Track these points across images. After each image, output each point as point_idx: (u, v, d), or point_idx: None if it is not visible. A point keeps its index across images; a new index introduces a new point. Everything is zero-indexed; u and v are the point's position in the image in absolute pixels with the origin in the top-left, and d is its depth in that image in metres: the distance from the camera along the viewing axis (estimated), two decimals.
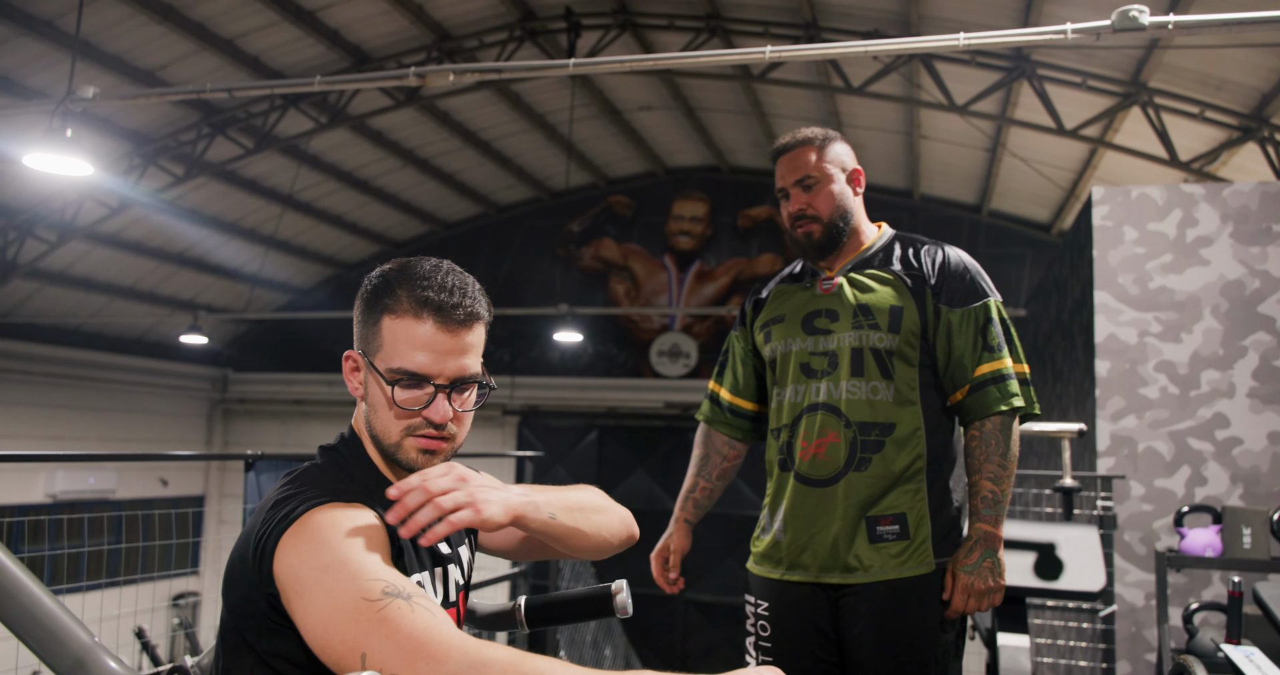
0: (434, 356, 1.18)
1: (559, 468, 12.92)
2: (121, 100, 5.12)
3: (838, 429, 1.98)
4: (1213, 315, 4.36)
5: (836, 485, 1.97)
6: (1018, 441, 1.97)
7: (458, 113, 10.29)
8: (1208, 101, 7.15)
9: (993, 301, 2.01)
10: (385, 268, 1.24)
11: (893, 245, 2.10)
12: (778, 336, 2.12)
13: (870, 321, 1.99)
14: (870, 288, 2.04)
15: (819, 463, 1.99)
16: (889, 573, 1.93)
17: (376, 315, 1.20)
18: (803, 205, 2.07)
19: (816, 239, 2.07)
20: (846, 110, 9.57)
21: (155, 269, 11.65)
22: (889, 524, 1.94)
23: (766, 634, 2.07)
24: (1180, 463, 4.28)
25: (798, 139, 2.10)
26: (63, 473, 10.99)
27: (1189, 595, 4.13)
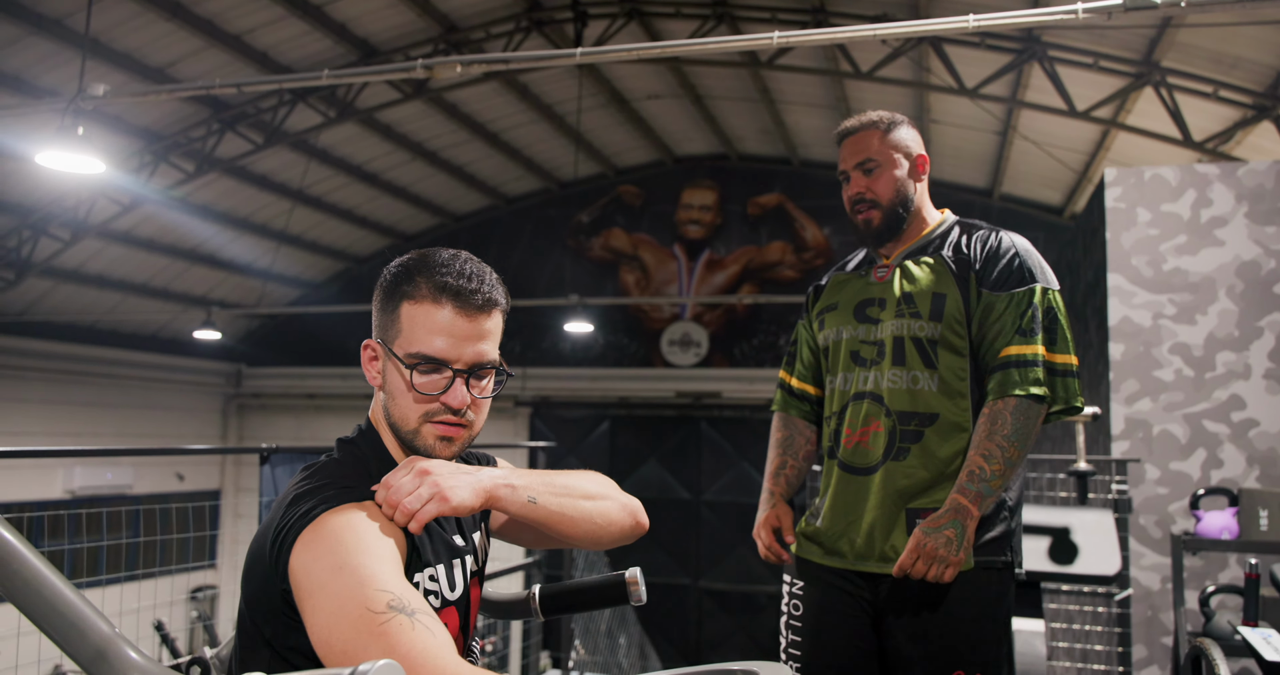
0: (452, 341, 1.19)
1: (571, 458, 12.96)
2: (137, 99, 5.11)
3: (880, 417, 1.96)
4: (1228, 296, 4.33)
5: (874, 474, 1.95)
6: (1032, 431, 1.86)
7: (466, 104, 10.28)
8: (1221, 80, 7.07)
9: (1039, 287, 1.93)
10: (404, 258, 1.25)
11: (951, 231, 2.06)
12: (830, 324, 2.11)
13: (912, 309, 1.96)
14: (917, 275, 2.01)
15: (860, 451, 1.98)
16: None
17: (395, 302, 1.21)
18: (862, 189, 2.05)
19: (875, 226, 2.05)
20: (855, 95, 9.51)
21: (168, 266, 11.71)
22: (928, 518, 1.88)
23: (799, 613, 2.05)
24: (1196, 445, 4.26)
25: (862, 122, 2.08)
26: (80, 468, 11.09)
27: (1205, 578, 4.11)
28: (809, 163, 12.26)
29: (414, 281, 1.20)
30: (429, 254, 1.24)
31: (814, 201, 12.35)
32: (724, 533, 12.17)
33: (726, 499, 12.21)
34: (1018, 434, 1.84)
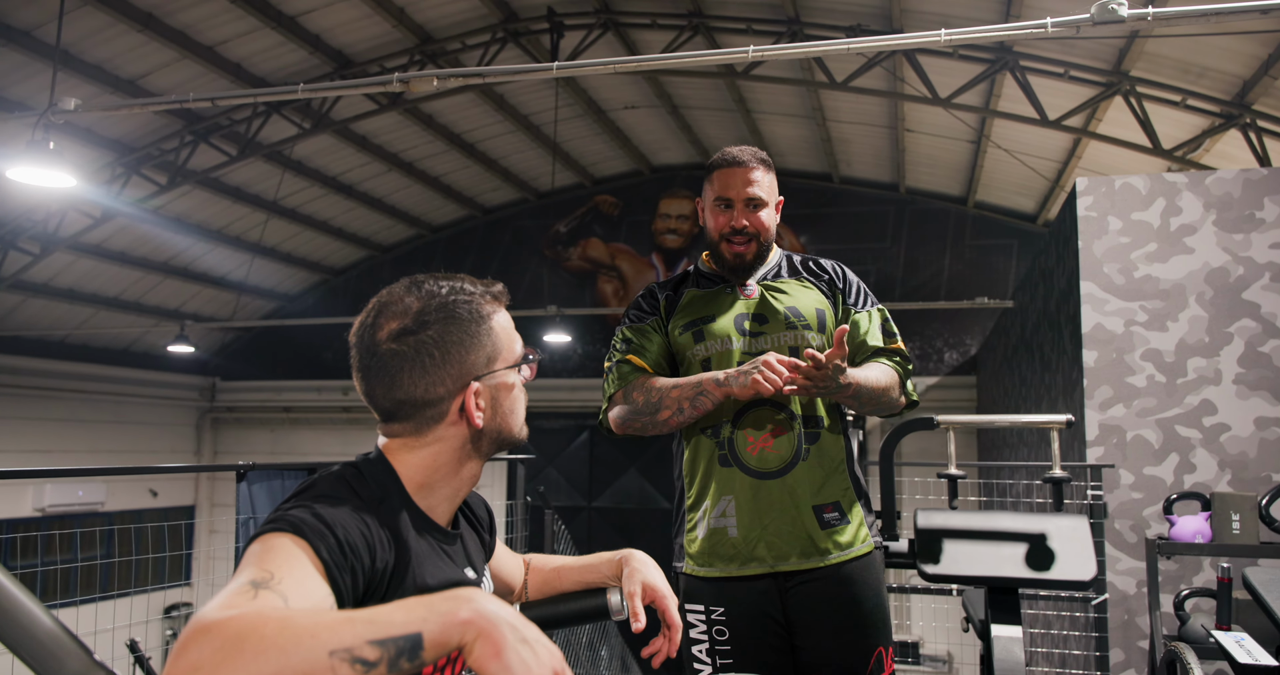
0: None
1: (551, 469, 12.92)
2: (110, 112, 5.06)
3: (784, 423, 2.06)
4: (1198, 303, 4.39)
5: (786, 476, 2.04)
6: (893, 393, 2.10)
7: (442, 115, 10.27)
8: (1190, 89, 7.19)
9: (878, 308, 2.25)
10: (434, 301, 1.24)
11: (786, 260, 2.26)
12: (711, 336, 2.14)
13: (803, 322, 2.12)
14: (790, 293, 2.18)
15: (768, 456, 2.04)
16: (841, 555, 2.04)
17: (486, 327, 1.26)
18: (746, 224, 2.14)
19: (748, 259, 2.17)
20: (830, 105, 9.59)
21: (141, 279, 11.59)
22: (831, 511, 2.05)
23: (725, 637, 2.05)
24: (1169, 450, 4.31)
25: (756, 157, 2.16)
26: (51, 486, 10.93)
27: (1180, 582, 4.15)
28: (785, 172, 12.31)
29: (482, 302, 1.27)
30: (442, 281, 1.28)
31: (790, 210, 12.38)
32: None
33: (665, 507, 12.18)
34: (895, 389, 2.11)
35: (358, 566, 1.09)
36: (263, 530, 1.08)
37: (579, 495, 12.82)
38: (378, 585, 1.13)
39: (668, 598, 1.47)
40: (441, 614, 0.89)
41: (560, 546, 4.96)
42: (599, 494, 12.79)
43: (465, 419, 1.24)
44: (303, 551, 1.05)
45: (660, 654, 1.48)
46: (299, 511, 1.10)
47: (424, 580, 1.19)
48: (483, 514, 1.50)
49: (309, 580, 1.02)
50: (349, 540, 1.09)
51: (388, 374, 1.22)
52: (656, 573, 1.51)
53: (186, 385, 13.50)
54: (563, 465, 12.95)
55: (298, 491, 1.19)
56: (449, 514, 1.30)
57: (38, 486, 10.91)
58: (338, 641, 0.85)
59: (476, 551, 1.40)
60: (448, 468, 1.26)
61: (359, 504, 1.16)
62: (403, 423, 1.25)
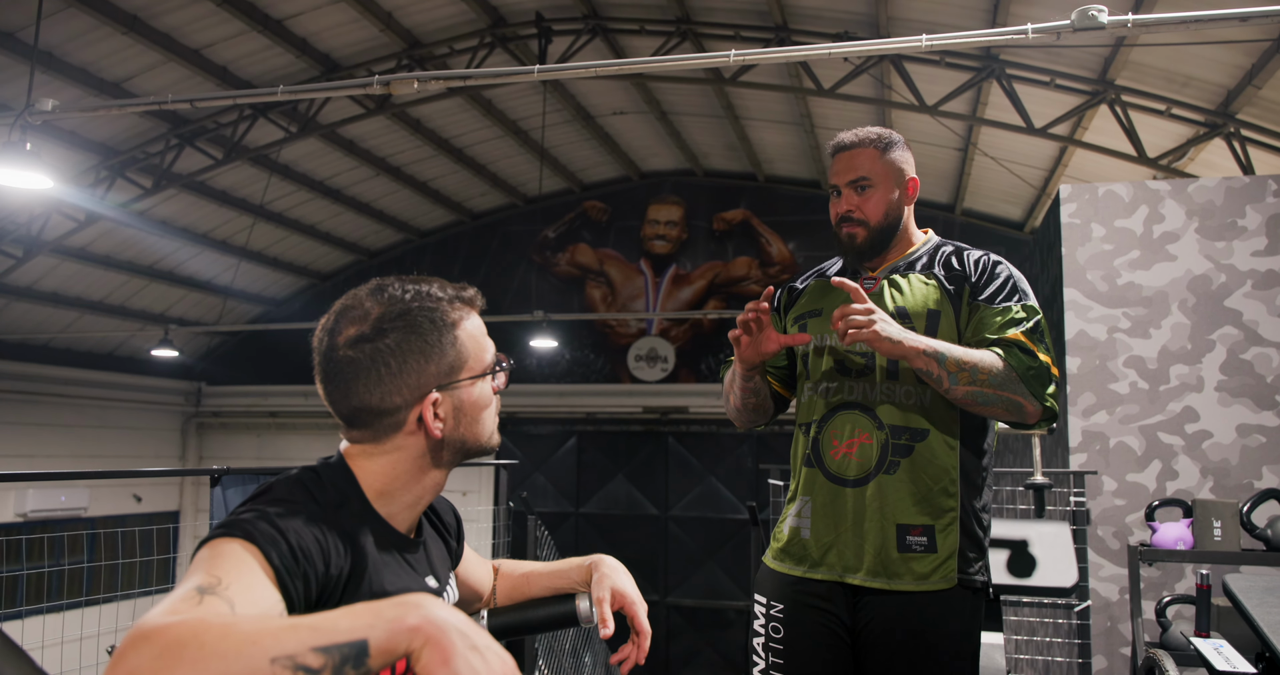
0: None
1: (538, 474, 12.88)
2: (89, 114, 5.02)
3: (869, 430, 1.92)
4: (1180, 310, 4.40)
5: (866, 486, 1.91)
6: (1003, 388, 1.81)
7: (429, 120, 10.24)
8: (1174, 98, 7.23)
9: (1033, 304, 1.94)
10: (394, 308, 1.20)
11: (937, 250, 2.06)
12: (814, 330, 2.05)
13: (908, 325, 1.92)
14: (908, 291, 1.99)
15: (849, 462, 1.93)
16: (911, 585, 1.87)
17: (450, 336, 1.22)
18: (852, 207, 2.02)
19: (859, 243, 2.03)
20: (819, 112, 9.61)
21: (126, 282, 11.52)
22: (918, 534, 1.88)
23: (780, 636, 1.99)
24: (1151, 457, 4.31)
25: (860, 137, 2.05)
26: (34, 491, 10.83)
27: (1163, 589, 4.15)
28: (774, 178, 12.34)
29: (449, 308, 1.23)
30: (406, 285, 1.24)
31: (779, 217, 12.43)
32: (692, 549, 12.14)
33: (694, 514, 12.18)
34: (995, 379, 1.81)
35: (310, 573, 1.07)
36: (213, 535, 1.05)
37: (566, 501, 12.78)
38: (332, 592, 1.10)
39: (637, 604, 1.44)
40: (389, 620, 0.86)
41: (544, 552, 4.93)
42: (586, 500, 12.75)
43: (424, 429, 1.22)
44: (253, 557, 1.02)
45: (629, 661, 1.46)
46: (251, 516, 1.08)
47: (381, 588, 1.16)
48: (450, 520, 1.48)
49: (258, 586, 1.00)
50: (302, 546, 1.07)
51: (344, 381, 1.20)
52: (626, 578, 1.49)
53: (172, 390, 13.41)
54: (550, 471, 12.91)
55: (253, 495, 1.17)
56: (410, 521, 1.27)
57: (20, 491, 10.80)
58: (280, 648, 0.83)
59: (441, 559, 1.37)
60: (408, 476, 1.24)
61: (315, 509, 1.14)
62: (361, 430, 1.23)
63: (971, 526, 1.91)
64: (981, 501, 1.96)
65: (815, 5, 7.70)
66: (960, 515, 1.90)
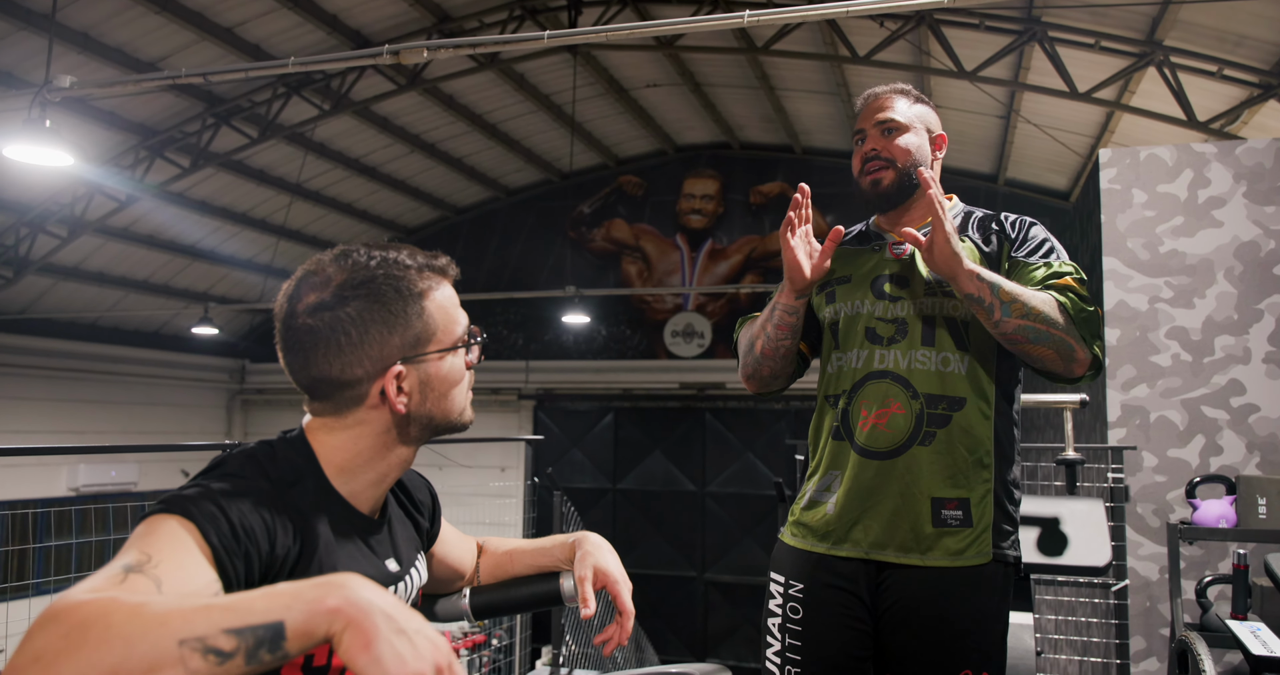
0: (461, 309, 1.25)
1: (575, 450, 12.91)
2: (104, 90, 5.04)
3: (902, 399, 1.82)
4: (1226, 279, 4.21)
5: (898, 459, 1.81)
6: (1047, 329, 1.73)
7: (462, 96, 10.20)
8: (1226, 59, 6.92)
9: (1074, 265, 1.84)
10: (357, 275, 1.15)
11: (969, 216, 1.96)
12: (843, 297, 1.95)
13: (945, 288, 1.84)
14: None
15: (879, 434, 1.82)
16: (944, 560, 1.78)
17: (416, 306, 1.16)
18: (878, 147, 1.93)
19: (884, 187, 1.92)
20: (855, 80, 9.38)
21: (168, 262, 11.70)
22: (953, 508, 1.78)
23: (798, 617, 1.89)
24: (1194, 432, 4.15)
25: (892, 87, 1.99)
26: (85, 466, 11.12)
27: (1205, 568, 4.01)
28: (811, 150, 12.13)
29: (417, 277, 1.18)
30: (372, 255, 1.18)
31: (817, 189, 11.88)
32: (729, 524, 12.10)
33: (731, 490, 12.13)
34: (1046, 314, 1.73)
35: (252, 552, 1.02)
36: (151, 510, 1.01)
37: (604, 477, 12.80)
38: (277, 573, 1.06)
39: (620, 583, 1.39)
40: (308, 601, 0.81)
41: (569, 527, 4.91)
42: (624, 476, 12.76)
43: (387, 403, 1.16)
44: (189, 534, 0.98)
45: (611, 642, 1.41)
46: (194, 492, 1.03)
47: (333, 569, 1.11)
48: (423, 497, 1.43)
49: (191, 565, 0.96)
50: (244, 524, 1.02)
51: (302, 351, 1.14)
52: (610, 556, 1.44)
53: (216, 367, 13.65)
54: (587, 447, 12.93)
55: (205, 470, 1.13)
56: (374, 500, 1.22)
57: (72, 466, 11.10)
58: (189, 630, 0.78)
59: (407, 539, 1.32)
60: (370, 452, 1.18)
61: (265, 486, 1.09)
62: (321, 402, 1.18)
63: (1004, 500, 1.82)
64: (1013, 474, 1.87)
65: None
66: (995, 487, 1.81)
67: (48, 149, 4.73)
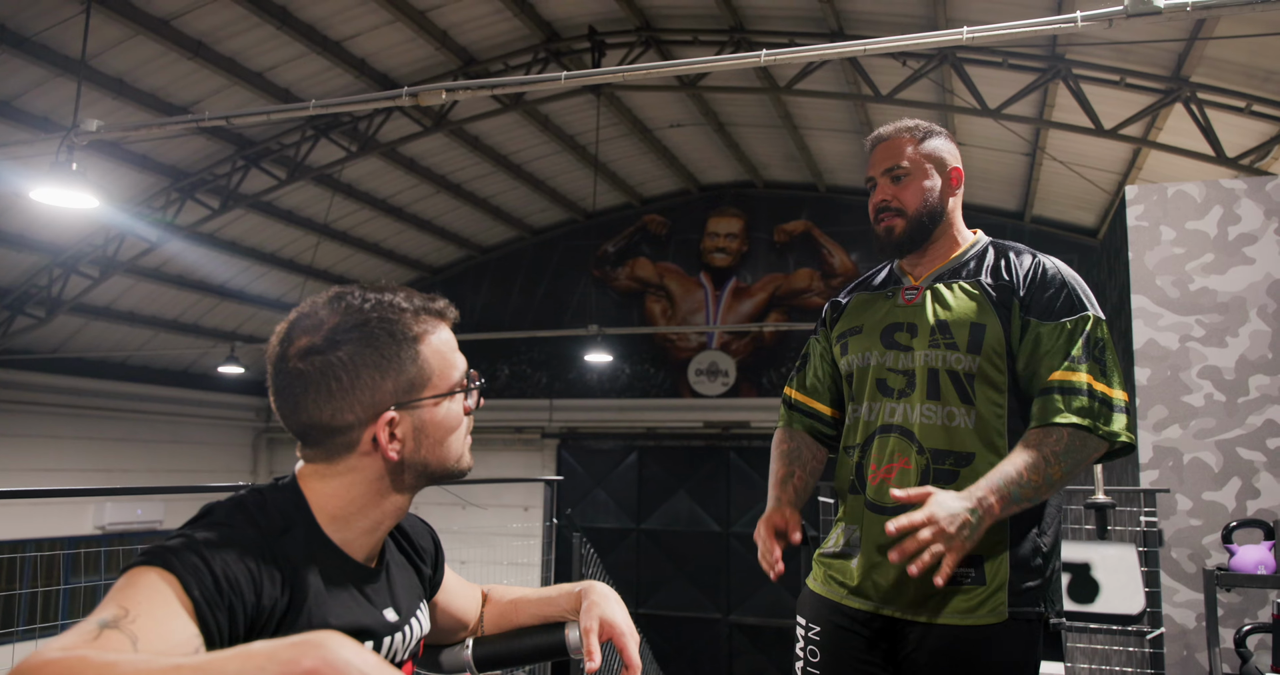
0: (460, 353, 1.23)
1: (599, 490, 12.81)
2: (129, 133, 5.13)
3: (909, 454, 1.80)
4: (1259, 317, 4.11)
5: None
6: (1081, 460, 1.69)
7: (488, 137, 10.32)
8: (1254, 94, 6.86)
9: (1091, 316, 1.77)
10: (350, 318, 1.13)
11: (986, 253, 1.91)
12: (855, 349, 1.95)
13: (948, 340, 1.81)
14: (951, 302, 1.86)
15: (885, 488, 1.80)
16: (955, 618, 1.74)
17: (410, 350, 1.14)
18: (888, 197, 1.91)
19: (897, 235, 1.90)
20: (878, 118, 9.38)
21: (198, 302, 11.85)
22: (965, 566, 1.73)
23: (816, 660, 1.89)
24: (1230, 474, 4.03)
25: (896, 128, 1.96)
26: (111, 505, 11.19)
27: (1244, 615, 3.86)
28: (835, 188, 12.13)
29: (417, 322, 1.16)
30: (366, 299, 1.16)
31: (841, 227, 12.19)
32: (754, 565, 11.84)
33: None
34: (1067, 457, 1.69)
35: (236, 604, 0.99)
36: (133, 563, 0.99)
37: (627, 517, 12.68)
38: (264, 625, 1.02)
39: (626, 635, 1.34)
40: (282, 663, 0.77)
41: (589, 569, 4.84)
42: (647, 516, 12.63)
43: (379, 450, 1.13)
44: (170, 587, 0.95)
45: None
46: (177, 543, 1.01)
47: (324, 620, 1.08)
48: (425, 544, 1.39)
49: (169, 620, 0.92)
50: (229, 576, 0.99)
51: (292, 395, 1.12)
52: (618, 607, 1.39)
53: (243, 406, 13.75)
54: (611, 486, 12.83)
55: (192, 519, 1.10)
56: (369, 548, 1.19)
57: (98, 505, 11.17)
58: None
59: (408, 588, 1.28)
60: (364, 500, 1.15)
61: (252, 535, 1.06)
62: (313, 448, 1.15)
63: (1026, 555, 1.75)
64: (1041, 527, 1.79)
65: (871, 9, 7.53)
66: (1010, 544, 1.75)
67: (73, 191, 4.82)
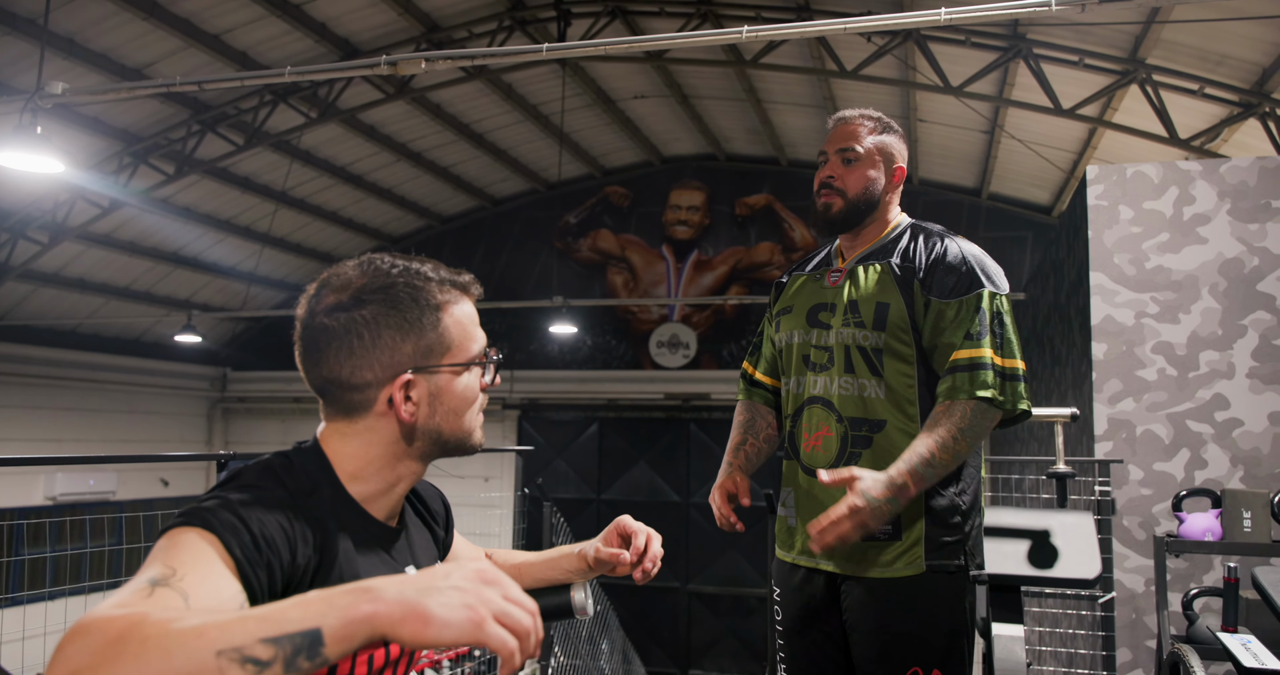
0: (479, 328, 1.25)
1: (559, 461, 12.87)
2: (97, 97, 5.00)
3: (830, 423, 1.99)
4: (1211, 295, 4.27)
5: None
6: (982, 433, 1.87)
7: (450, 105, 10.20)
8: (1207, 77, 7.03)
9: (987, 292, 1.92)
10: (377, 280, 1.16)
11: (903, 236, 2.06)
12: (785, 327, 2.13)
13: (856, 319, 1.98)
14: (862, 283, 2.02)
15: (816, 454, 2.00)
16: (876, 571, 1.92)
17: (433, 317, 1.17)
18: (835, 174, 2.06)
19: (833, 213, 2.06)
20: (842, 94, 9.46)
21: (151, 269, 11.60)
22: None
23: (779, 619, 2.10)
24: (1179, 446, 4.20)
25: (860, 113, 2.09)
26: (62, 475, 10.98)
27: (1190, 581, 4.05)
28: (797, 163, 12.20)
29: (437, 290, 1.18)
30: (397, 265, 1.19)
31: (802, 201, 12.29)
32: (713, 536, 12.10)
33: None
34: (971, 431, 1.85)
35: (274, 562, 1.02)
36: (172, 524, 1.01)
37: (588, 487, 12.77)
38: (299, 583, 1.06)
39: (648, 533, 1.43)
40: (341, 609, 0.81)
41: (559, 538, 4.91)
42: (608, 487, 12.73)
43: (394, 412, 1.16)
44: (211, 547, 0.98)
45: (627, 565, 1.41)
46: (213, 504, 1.03)
47: (355, 577, 1.11)
48: (437, 507, 1.43)
49: (216, 577, 0.95)
50: (265, 534, 1.02)
51: (315, 348, 1.16)
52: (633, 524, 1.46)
53: (197, 375, 13.53)
54: (572, 457, 12.90)
55: (221, 482, 1.12)
56: (389, 508, 1.22)
57: (49, 475, 10.96)
58: (226, 640, 0.78)
59: (425, 548, 1.32)
60: (381, 461, 1.18)
61: (283, 496, 1.09)
62: (332, 405, 1.19)
63: (943, 511, 1.92)
64: (959, 486, 1.95)
65: None
66: (926, 502, 1.91)
67: (39, 156, 4.70)
